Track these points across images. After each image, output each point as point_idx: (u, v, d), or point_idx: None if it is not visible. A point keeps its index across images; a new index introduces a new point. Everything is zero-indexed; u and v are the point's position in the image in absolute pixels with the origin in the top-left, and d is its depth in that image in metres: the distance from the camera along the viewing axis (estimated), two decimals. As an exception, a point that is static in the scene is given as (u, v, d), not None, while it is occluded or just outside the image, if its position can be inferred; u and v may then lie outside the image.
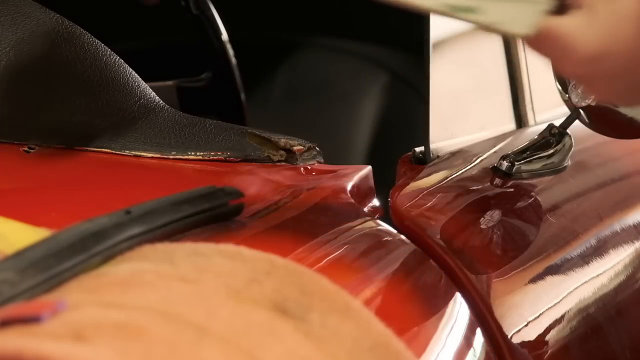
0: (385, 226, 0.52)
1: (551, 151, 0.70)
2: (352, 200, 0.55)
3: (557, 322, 0.55)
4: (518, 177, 0.69)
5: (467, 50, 0.81)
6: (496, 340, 0.47)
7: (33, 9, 0.63)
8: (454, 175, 0.71)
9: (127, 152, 0.59)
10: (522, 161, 0.68)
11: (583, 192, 0.77)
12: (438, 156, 0.76)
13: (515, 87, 0.82)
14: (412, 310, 0.43)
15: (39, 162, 0.55)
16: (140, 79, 0.65)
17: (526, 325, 0.52)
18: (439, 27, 0.70)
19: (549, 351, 0.53)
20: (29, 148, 0.56)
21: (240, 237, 0.43)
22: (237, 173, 0.61)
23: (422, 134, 0.76)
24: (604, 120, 0.60)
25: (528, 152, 0.69)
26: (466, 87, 0.92)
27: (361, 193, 0.60)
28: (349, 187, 0.58)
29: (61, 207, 0.47)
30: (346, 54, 1.29)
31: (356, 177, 0.60)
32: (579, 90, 0.59)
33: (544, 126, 0.71)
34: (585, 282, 0.63)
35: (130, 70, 0.65)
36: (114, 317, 0.27)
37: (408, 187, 0.64)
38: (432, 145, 0.76)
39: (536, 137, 0.71)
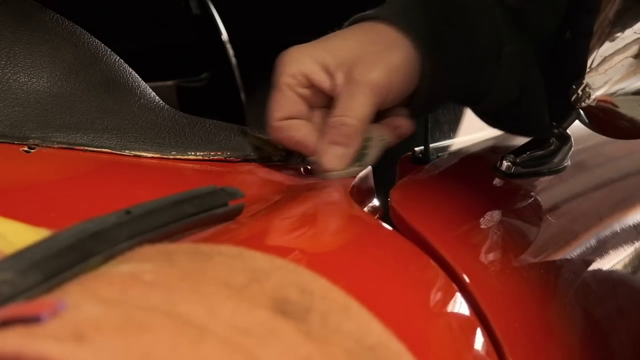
0: (385, 226, 0.52)
1: (551, 151, 0.70)
2: (352, 200, 0.55)
3: (557, 322, 0.55)
4: (518, 177, 0.69)
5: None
6: (496, 340, 0.47)
7: (33, 9, 0.63)
8: (454, 175, 0.71)
9: (127, 152, 0.59)
10: (522, 161, 0.68)
11: (583, 192, 0.77)
12: (438, 156, 0.76)
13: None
14: (412, 310, 0.43)
15: (39, 162, 0.55)
16: (140, 79, 0.65)
17: (527, 325, 0.52)
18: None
19: (550, 351, 0.53)
20: (29, 148, 0.56)
21: (240, 237, 0.43)
22: (237, 173, 0.61)
23: (422, 134, 0.76)
24: (604, 120, 0.60)
25: (528, 152, 0.69)
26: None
27: (361, 193, 0.60)
28: (349, 187, 0.58)
29: (61, 207, 0.47)
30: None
31: (356, 177, 0.60)
32: (579, 91, 0.59)
33: (544, 126, 0.71)
34: (586, 282, 0.63)
35: (130, 70, 0.65)
36: (114, 317, 0.27)
37: (408, 187, 0.64)
38: (432, 145, 0.76)
39: (536, 137, 0.71)
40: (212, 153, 0.61)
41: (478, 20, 0.66)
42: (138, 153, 0.59)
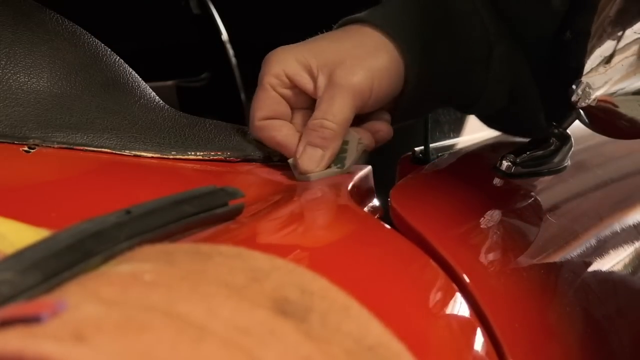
0: (385, 226, 0.52)
1: (551, 151, 0.70)
2: (352, 200, 0.55)
3: (557, 322, 0.55)
4: (518, 177, 0.69)
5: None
6: (496, 340, 0.47)
7: (33, 9, 0.63)
8: (454, 175, 0.71)
9: (127, 152, 0.59)
10: (522, 161, 0.68)
11: (583, 192, 0.77)
12: (438, 156, 0.76)
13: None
14: (412, 310, 0.43)
15: (39, 162, 0.55)
16: (140, 79, 0.65)
17: (527, 325, 0.52)
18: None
19: (550, 351, 0.53)
20: (29, 148, 0.56)
21: (240, 237, 0.43)
22: (237, 173, 0.61)
23: (422, 134, 0.76)
24: (604, 120, 0.60)
25: (528, 152, 0.69)
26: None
27: (361, 193, 0.60)
28: (349, 187, 0.58)
29: (61, 207, 0.47)
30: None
31: (356, 177, 0.60)
32: (579, 91, 0.59)
33: (544, 126, 0.71)
34: (586, 282, 0.63)
35: (130, 70, 0.65)
36: (114, 317, 0.27)
37: (408, 187, 0.64)
38: (432, 145, 0.76)
39: (536, 137, 0.71)
40: (212, 153, 0.61)
41: (467, 25, 0.66)
42: (138, 153, 0.59)
